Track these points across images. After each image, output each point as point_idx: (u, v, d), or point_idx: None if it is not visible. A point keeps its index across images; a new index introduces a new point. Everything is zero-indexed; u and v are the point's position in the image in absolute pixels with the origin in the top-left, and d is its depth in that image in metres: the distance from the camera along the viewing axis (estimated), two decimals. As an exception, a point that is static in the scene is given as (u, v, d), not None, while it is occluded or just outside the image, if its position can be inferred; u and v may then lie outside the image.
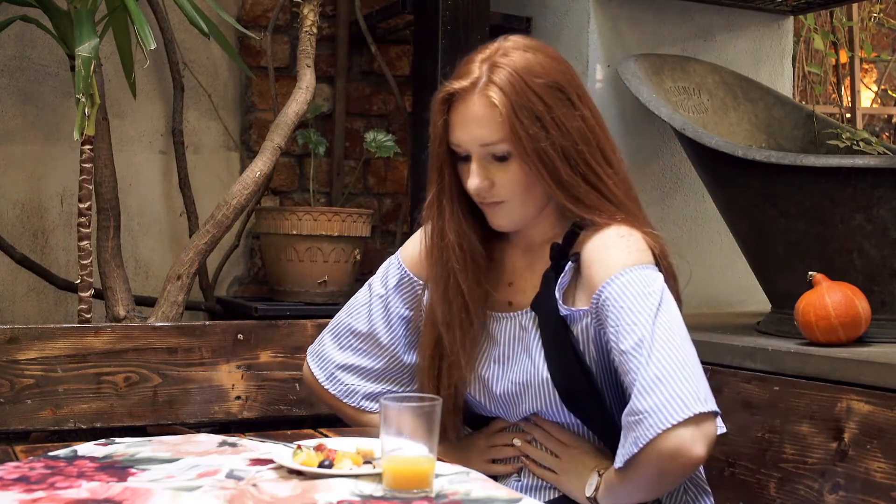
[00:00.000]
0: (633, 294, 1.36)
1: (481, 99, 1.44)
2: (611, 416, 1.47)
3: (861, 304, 1.90)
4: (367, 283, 1.69)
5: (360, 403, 1.65)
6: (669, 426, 1.27)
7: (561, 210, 1.52)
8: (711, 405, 1.30)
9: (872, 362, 1.71)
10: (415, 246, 1.62)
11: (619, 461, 1.35)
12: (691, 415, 1.27)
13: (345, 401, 1.66)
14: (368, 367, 1.65)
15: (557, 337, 1.46)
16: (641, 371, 1.31)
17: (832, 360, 1.78)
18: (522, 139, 1.42)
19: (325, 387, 1.67)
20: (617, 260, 1.41)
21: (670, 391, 1.29)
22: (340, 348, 1.67)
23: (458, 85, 1.46)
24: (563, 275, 1.46)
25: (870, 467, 1.61)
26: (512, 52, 1.46)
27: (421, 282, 1.61)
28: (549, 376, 1.46)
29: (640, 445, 1.29)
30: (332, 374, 1.67)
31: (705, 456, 1.30)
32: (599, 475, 1.45)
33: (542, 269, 1.51)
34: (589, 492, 1.45)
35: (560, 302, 1.46)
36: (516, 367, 1.51)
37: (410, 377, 1.65)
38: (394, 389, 1.65)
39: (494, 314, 1.55)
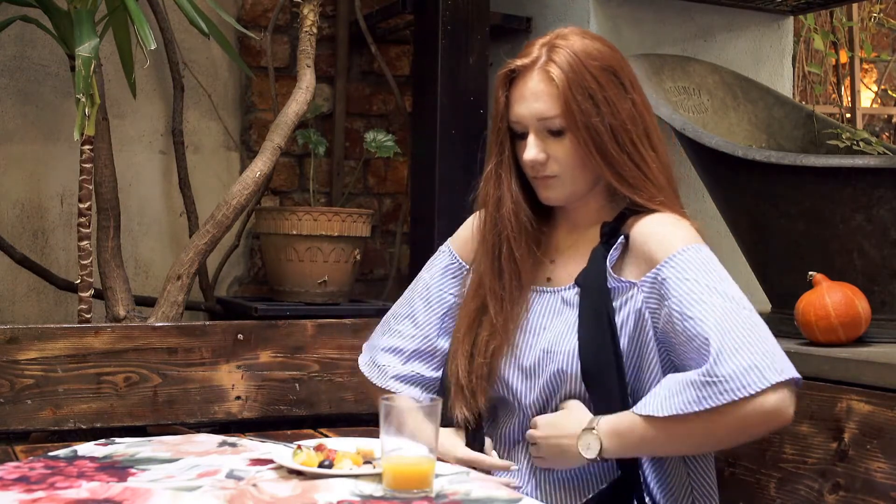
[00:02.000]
0: (697, 269, 1.44)
1: (540, 75, 1.53)
2: (625, 398, 1.48)
3: (861, 304, 1.90)
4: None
5: (387, 383, 1.68)
6: (753, 393, 1.34)
7: (608, 194, 1.59)
8: (790, 372, 1.38)
9: (872, 362, 1.71)
10: (465, 229, 1.70)
11: (688, 407, 1.36)
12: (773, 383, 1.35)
13: (375, 383, 1.69)
14: (401, 348, 1.70)
15: (598, 307, 1.51)
16: (718, 338, 1.37)
17: (832, 360, 1.78)
18: (575, 114, 1.50)
19: (364, 371, 1.72)
20: (675, 236, 1.48)
21: (750, 361, 1.35)
22: (383, 333, 1.74)
23: (519, 62, 1.56)
24: (613, 249, 1.53)
25: (870, 467, 1.61)
26: (570, 36, 1.56)
27: (467, 266, 1.68)
28: (577, 343, 1.50)
29: (722, 402, 1.34)
30: (373, 358, 1.72)
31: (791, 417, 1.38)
32: (593, 433, 1.46)
33: (586, 249, 1.57)
34: (591, 455, 1.46)
35: (610, 271, 1.51)
36: (548, 336, 1.55)
37: (440, 363, 1.69)
38: (422, 373, 1.68)
39: (535, 288, 1.60)
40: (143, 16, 2.07)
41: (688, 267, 1.44)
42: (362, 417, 2.11)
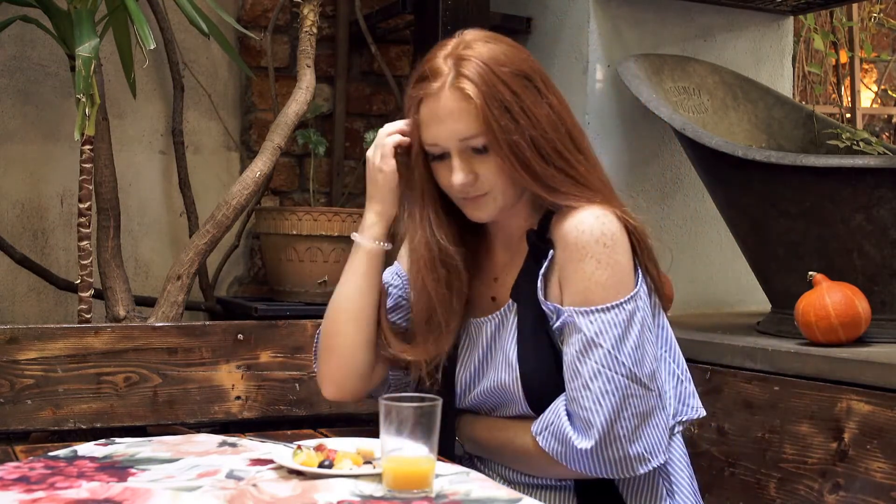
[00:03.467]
0: (599, 340, 1.41)
1: (454, 93, 1.42)
2: None
3: (861, 304, 1.90)
4: None
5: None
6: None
7: (534, 200, 1.51)
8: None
9: (872, 362, 1.71)
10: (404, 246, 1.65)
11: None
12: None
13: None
14: None
15: (535, 330, 1.47)
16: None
17: (832, 360, 1.78)
18: (496, 131, 1.41)
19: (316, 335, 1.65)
20: (592, 285, 1.42)
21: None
22: None
23: (426, 86, 1.45)
24: (543, 266, 1.47)
25: (870, 467, 1.61)
26: (474, 44, 1.46)
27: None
28: (518, 371, 1.47)
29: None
30: None
31: None
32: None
33: (522, 260, 1.52)
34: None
35: (541, 294, 1.47)
36: (493, 365, 1.53)
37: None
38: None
39: (476, 320, 1.56)
40: (142, 16, 2.07)
41: (589, 336, 1.40)
42: (362, 417, 2.11)
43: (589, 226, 1.42)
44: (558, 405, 1.43)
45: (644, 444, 1.40)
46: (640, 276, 1.46)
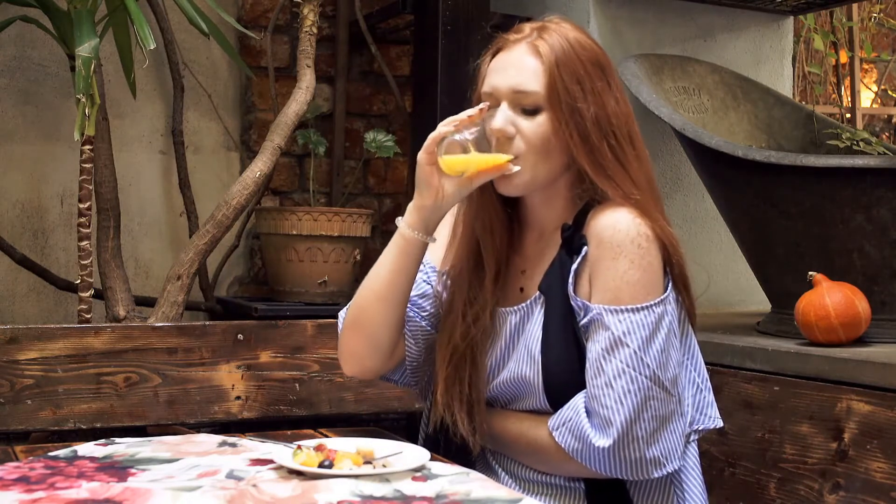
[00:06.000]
0: (626, 339, 1.40)
1: (528, 47, 1.47)
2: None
3: (861, 304, 1.90)
4: None
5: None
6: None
7: (572, 194, 1.51)
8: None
9: (872, 362, 1.71)
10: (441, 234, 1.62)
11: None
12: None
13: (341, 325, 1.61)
14: None
15: (561, 325, 1.47)
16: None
17: (832, 360, 1.78)
18: (560, 93, 1.43)
19: (340, 314, 1.63)
20: (624, 284, 1.41)
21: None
22: None
23: (505, 39, 1.51)
24: (576, 261, 1.46)
25: (870, 467, 1.61)
26: (562, 23, 1.52)
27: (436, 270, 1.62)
28: (539, 364, 1.47)
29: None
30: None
31: None
32: None
33: (553, 255, 1.51)
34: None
35: (571, 289, 1.46)
36: (514, 356, 1.52)
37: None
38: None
39: (502, 310, 1.55)
40: (142, 16, 2.07)
41: (617, 335, 1.40)
42: (362, 417, 2.12)
43: (625, 225, 1.42)
44: (577, 402, 1.43)
45: (661, 447, 1.40)
46: (670, 281, 1.46)
